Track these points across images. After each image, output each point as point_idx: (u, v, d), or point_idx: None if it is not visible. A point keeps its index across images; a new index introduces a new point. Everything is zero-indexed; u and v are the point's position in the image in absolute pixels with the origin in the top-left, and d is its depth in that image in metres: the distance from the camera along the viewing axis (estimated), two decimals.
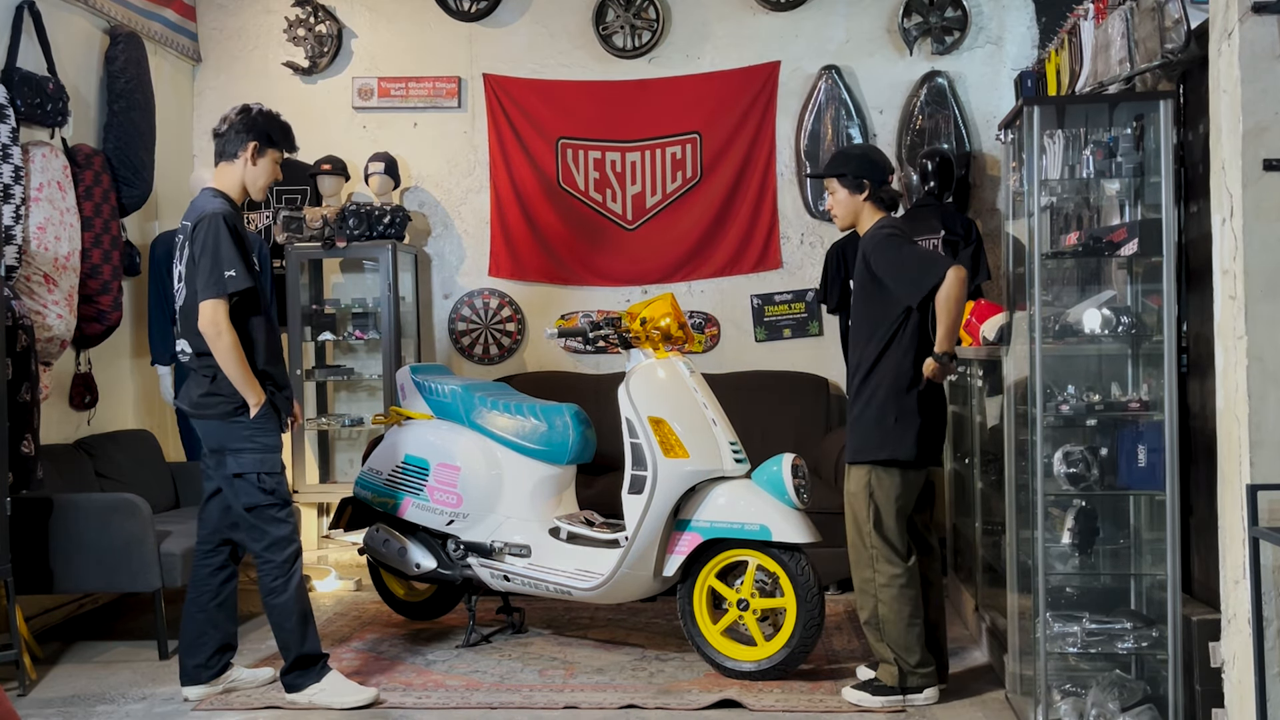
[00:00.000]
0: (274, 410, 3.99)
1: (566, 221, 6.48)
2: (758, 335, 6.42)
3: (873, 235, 3.96)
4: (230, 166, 4.03)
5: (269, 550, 3.97)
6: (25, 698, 4.17)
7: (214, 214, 3.89)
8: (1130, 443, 3.52)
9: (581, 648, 4.71)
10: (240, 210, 4.07)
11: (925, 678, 3.91)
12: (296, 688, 4.03)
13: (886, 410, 3.88)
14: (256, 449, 3.94)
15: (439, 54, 6.55)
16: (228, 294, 3.84)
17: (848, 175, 4.02)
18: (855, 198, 4.02)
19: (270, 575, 3.97)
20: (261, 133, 4.01)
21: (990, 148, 6.24)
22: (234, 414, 3.92)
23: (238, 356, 3.87)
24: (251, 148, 4.00)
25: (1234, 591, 2.88)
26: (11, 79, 4.87)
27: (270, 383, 3.99)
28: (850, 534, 3.99)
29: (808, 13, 6.38)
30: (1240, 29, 2.80)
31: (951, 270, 3.73)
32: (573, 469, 4.79)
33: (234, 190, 4.04)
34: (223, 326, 3.85)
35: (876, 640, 3.94)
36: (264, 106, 4.10)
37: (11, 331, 4.39)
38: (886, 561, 3.88)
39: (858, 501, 3.94)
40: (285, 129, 4.10)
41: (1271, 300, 2.79)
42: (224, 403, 3.92)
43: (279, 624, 4.00)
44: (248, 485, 3.94)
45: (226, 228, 3.86)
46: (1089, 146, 3.61)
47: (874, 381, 3.92)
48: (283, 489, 4.00)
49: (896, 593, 3.86)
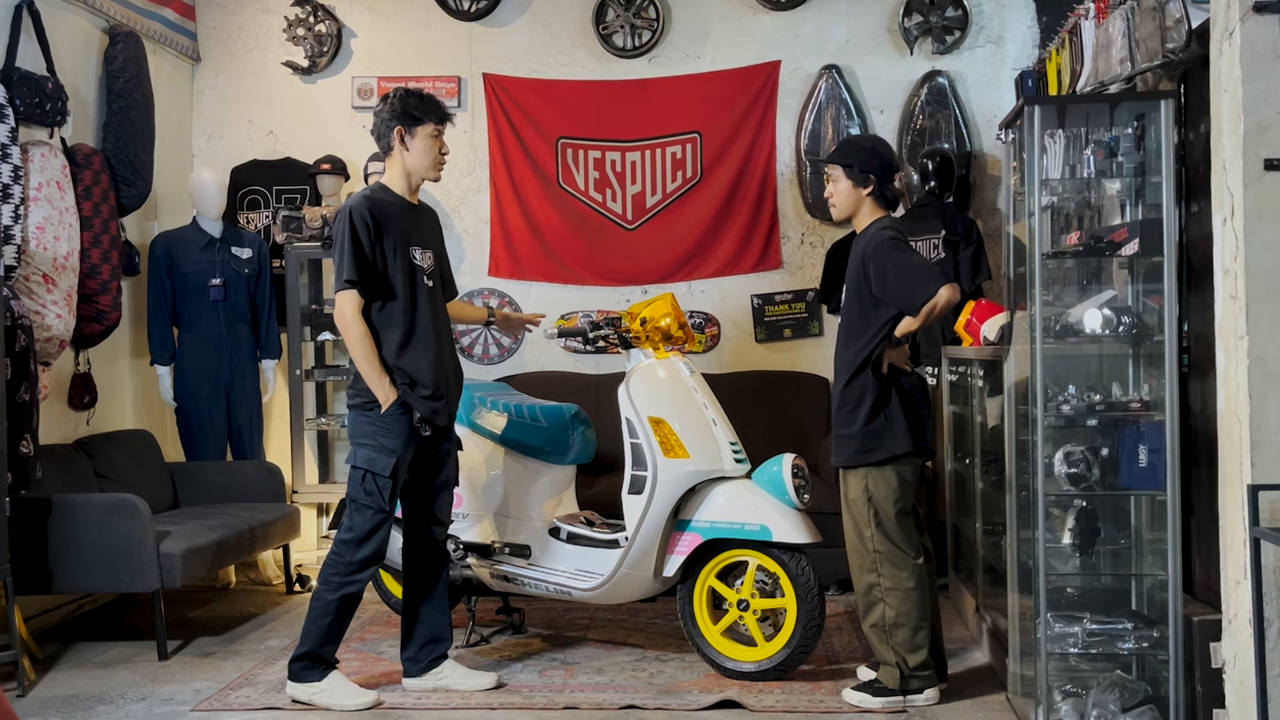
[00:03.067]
0: (405, 411, 3.92)
1: (566, 221, 6.48)
2: (758, 335, 6.42)
3: (874, 236, 3.90)
4: (390, 159, 4.03)
5: (345, 544, 3.95)
6: (24, 698, 4.16)
7: (344, 208, 3.93)
8: (1131, 443, 3.52)
9: (581, 648, 4.70)
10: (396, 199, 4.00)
11: (926, 679, 3.90)
12: (301, 679, 4.01)
13: (876, 410, 3.85)
14: (373, 447, 3.91)
15: (439, 53, 6.54)
16: (348, 284, 3.85)
17: (854, 166, 3.94)
18: (858, 190, 3.95)
19: (333, 567, 3.96)
20: (402, 114, 3.98)
21: (991, 147, 6.24)
22: (365, 407, 3.93)
23: (365, 350, 3.86)
24: (398, 132, 3.98)
25: (1235, 592, 2.87)
26: (10, 78, 4.86)
27: (404, 379, 3.92)
28: (851, 540, 3.96)
29: (808, 12, 6.37)
30: (1241, 28, 2.80)
31: (945, 288, 3.69)
32: (573, 469, 4.78)
33: (399, 181, 4.03)
34: (349, 319, 3.86)
35: (881, 643, 3.92)
36: (401, 88, 4.06)
37: (10, 331, 4.38)
38: (893, 565, 3.86)
39: (857, 507, 3.91)
40: (427, 100, 4.04)
41: (1272, 300, 2.79)
42: (359, 395, 3.95)
43: (313, 615, 3.99)
44: (355, 477, 3.95)
45: (350, 221, 3.86)
46: (1090, 146, 3.60)
47: (861, 384, 3.88)
48: (381, 498, 3.92)
49: (904, 595, 3.85)
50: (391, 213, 3.98)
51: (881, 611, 3.89)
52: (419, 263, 4.02)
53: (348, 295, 3.88)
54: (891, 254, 3.81)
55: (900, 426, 3.85)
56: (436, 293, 4.09)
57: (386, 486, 3.93)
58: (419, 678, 4.16)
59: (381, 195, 4.01)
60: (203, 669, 4.51)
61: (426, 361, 3.97)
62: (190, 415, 5.88)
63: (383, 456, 3.91)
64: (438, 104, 4.06)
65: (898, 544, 3.87)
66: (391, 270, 3.94)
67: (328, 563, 3.99)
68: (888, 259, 3.80)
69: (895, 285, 3.78)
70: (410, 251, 3.99)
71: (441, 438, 4.10)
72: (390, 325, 3.95)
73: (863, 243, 3.93)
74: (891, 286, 3.79)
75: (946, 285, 3.70)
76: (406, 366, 3.94)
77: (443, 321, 4.12)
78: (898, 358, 3.90)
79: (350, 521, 3.96)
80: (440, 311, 4.11)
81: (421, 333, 3.98)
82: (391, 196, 4.03)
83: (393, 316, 3.95)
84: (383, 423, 3.91)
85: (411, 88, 4.09)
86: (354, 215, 3.89)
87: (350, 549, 3.95)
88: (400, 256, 3.95)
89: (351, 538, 3.95)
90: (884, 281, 3.81)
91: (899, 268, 3.78)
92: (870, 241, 3.89)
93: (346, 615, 4.01)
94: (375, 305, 3.94)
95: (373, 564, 3.98)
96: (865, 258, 3.87)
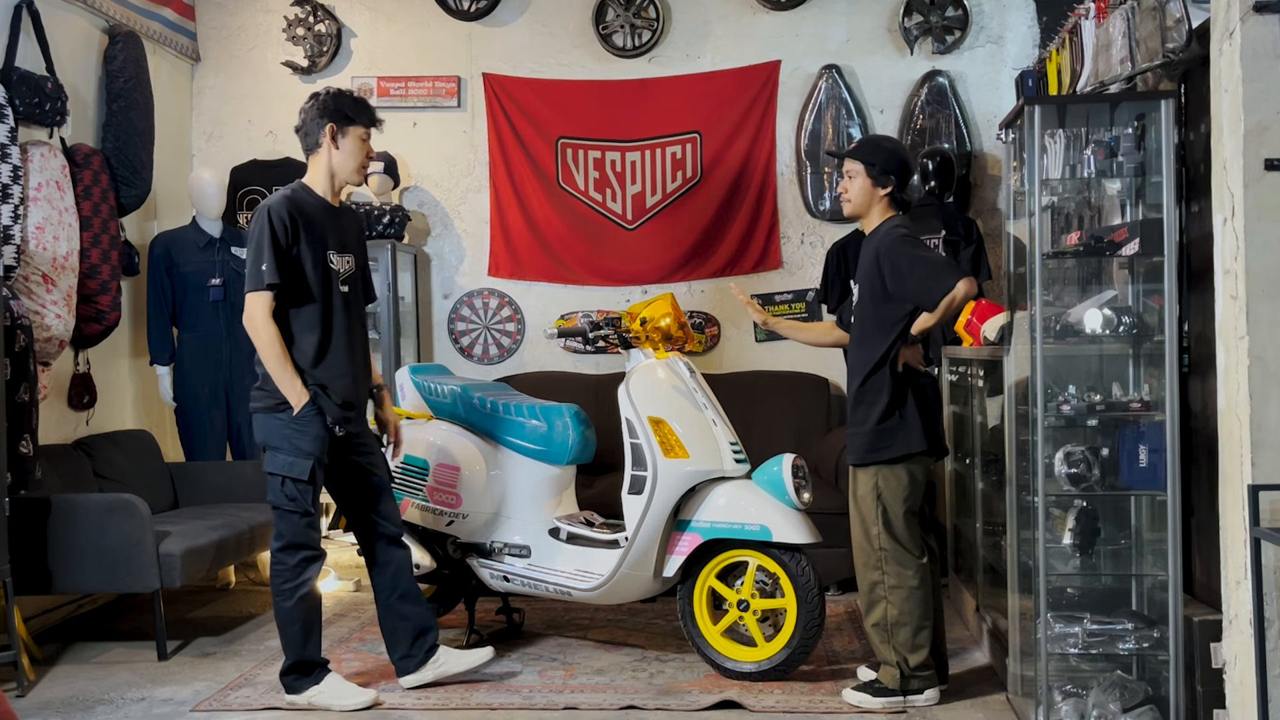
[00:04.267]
0: (318, 413, 3.88)
1: (566, 221, 6.47)
2: (758, 335, 6.42)
3: (887, 233, 3.89)
4: (315, 157, 4.00)
5: (283, 551, 3.93)
6: (24, 699, 4.16)
7: (262, 207, 3.88)
8: (1131, 443, 3.52)
9: (581, 648, 4.70)
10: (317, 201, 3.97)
11: (926, 680, 3.90)
12: (295, 690, 4.01)
13: (891, 409, 3.85)
14: (289, 451, 3.87)
15: (438, 53, 6.54)
16: (265, 288, 3.80)
17: (876, 165, 3.91)
18: (876, 190, 3.93)
19: (280, 577, 3.94)
20: (335, 112, 3.96)
21: (991, 147, 6.24)
22: (275, 410, 3.89)
23: (275, 352, 3.81)
24: (330, 130, 3.95)
25: (1235, 592, 2.87)
26: (10, 78, 4.86)
27: (316, 383, 3.88)
28: (857, 537, 3.95)
29: (808, 12, 6.37)
30: (1242, 28, 2.80)
31: (963, 282, 3.70)
32: (573, 469, 4.78)
33: (321, 182, 4.00)
34: (259, 321, 3.81)
35: (882, 643, 3.91)
36: (333, 87, 4.05)
37: (10, 331, 4.38)
38: (898, 563, 3.85)
39: (865, 504, 3.90)
40: (360, 103, 4.02)
41: (1273, 300, 2.79)
42: (268, 397, 3.90)
43: (282, 626, 3.98)
44: (274, 484, 3.91)
45: (269, 221, 3.81)
46: (1090, 146, 3.60)
47: (878, 381, 3.88)
48: (305, 500, 3.90)
49: (908, 594, 3.84)
50: (311, 214, 3.93)
51: (884, 610, 3.88)
52: (335, 267, 3.97)
53: (261, 297, 3.81)
54: (906, 250, 3.80)
55: (915, 425, 3.85)
56: (353, 298, 4.04)
57: (307, 491, 3.90)
58: (417, 672, 4.15)
59: (302, 195, 3.97)
60: (202, 669, 4.51)
61: (339, 371, 3.94)
62: (190, 415, 5.88)
63: (300, 460, 3.87)
64: (369, 108, 4.06)
65: (903, 543, 3.86)
66: (308, 274, 3.89)
67: (273, 574, 3.96)
68: (902, 255, 3.80)
69: (912, 280, 3.77)
70: (327, 256, 3.94)
71: (356, 439, 4.07)
72: (305, 331, 3.90)
73: (875, 241, 3.92)
74: (909, 282, 3.78)
75: (964, 279, 3.71)
76: (320, 376, 3.91)
77: (358, 328, 4.07)
78: (912, 357, 3.89)
79: (279, 529, 3.94)
80: (356, 318, 4.05)
81: (337, 341, 3.94)
82: (313, 197, 3.98)
83: (308, 322, 3.90)
84: (295, 425, 3.86)
85: (343, 89, 4.07)
86: (272, 215, 3.84)
87: (289, 555, 3.93)
88: (317, 260, 3.90)
89: (283, 544, 3.93)
90: (900, 278, 3.79)
91: (914, 263, 3.77)
92: (884, 239, 3.88)
93: (314, 613, 4.01)
94: (291, 309, 3.89)
95: (315, 561, 3.97)
96: (879, 255, 3.86)
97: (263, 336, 3.82)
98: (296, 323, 3.90)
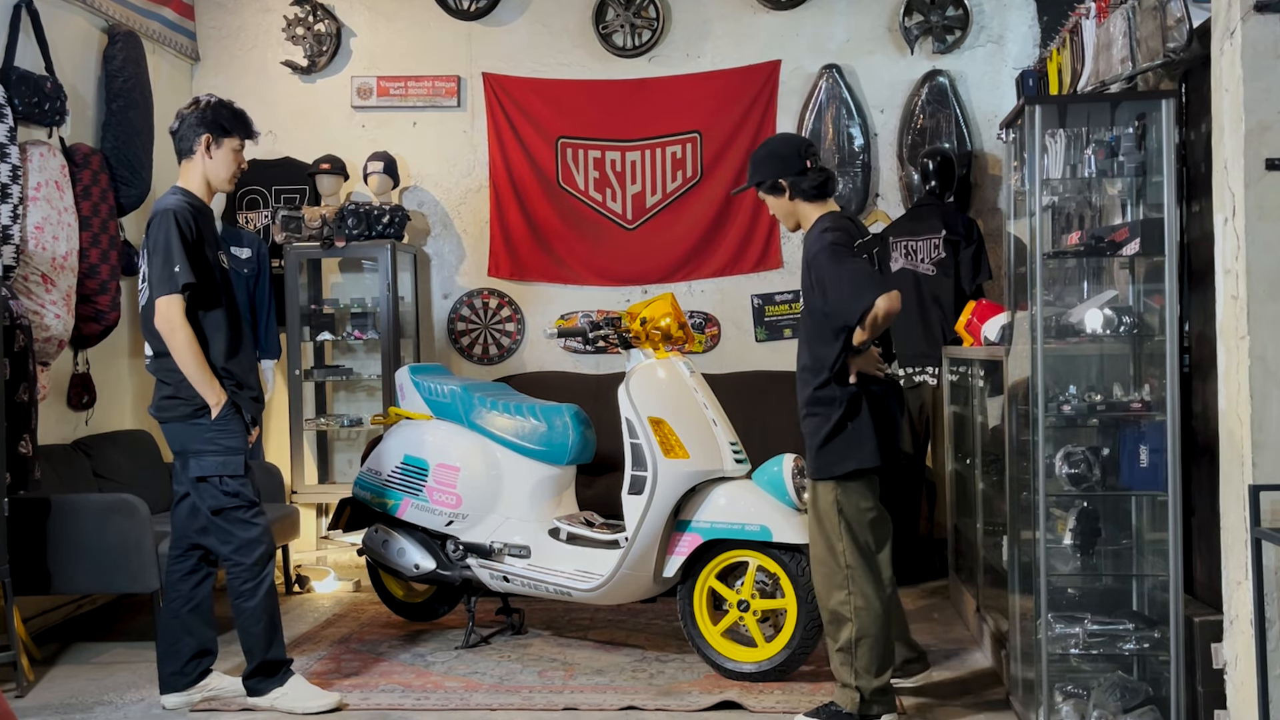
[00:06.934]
0: (236, 411, 3.92)
1: (566, 221, 6.47)
2: (758, 335, 6.41)
3: (815, 240, 3.67)
4: (190, 163, 4.01)
5: (237, 553, 3.92)
6: (23, 699, 4.16)
7: (164, 211, 3.87)
8: (1132, 443, 3.51)
9: (581, 649, 4.70)
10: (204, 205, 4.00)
11: (886, 704, 3.71)
12: (258, 692, 3.99)
13: (842, 422, 3.66)
14: (218, 451, 3.88)
15: (438, 53, 6.54)
16: (180, 289, 3.80)
17: (764, 182, 3.76)
18: (782, 200, 3.77)
19: (239, 579, 3.93)
20: (212, 123, 3.98)
21: (992, 147, 6.23)
22: (194, 416, 3.88)
23: (193, 354, 3.82)
24: (205, 140, 3.97)
25: (1236, 592, 2.87)
26: (9, 78, 4.86)
27: (232, 381, 3.92)
28: (819, 553, 3.73)
29: (808, 11, 6.37)
30: (1243, 28, 2.79)
31: (883, 299, 3.46)
32: (572, 469, 4.77)
33: (197, 186, 4.01)
34: (176, 323, 3.81)
35: (843, 664, 3.69)
36: (214, 97, 4.06)
37: (9, 331, 4.38)
38: (865, 582, 3.66)
39: (828, 519, 3.71)
40: (238, 115, 4.05)
41: (1274, 300, 2.78)
42: (184, 405, 3.89)
43: (246, 628, 3.95)
44: (211, 489, 3.90)
45: (176, 223, 3.82)
46: (1091, 146, 3.59)
47: (827, 394, 3.68)
48: (247, 491, 3.92)
49: (873, 617, 3.65)
50: (204, 217, 3.99)
51: (851, 631, 3.66)
52: (228, 266, 4.07)
53: (175, 300, 3.81)
54: (829, 264, 3.59)
55: (868, 438, 3.65)
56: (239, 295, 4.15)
57: (246, 484, 3.93)
58: (184, 692, 4.04)
59: (194, 199, 3.99)
60: None
61: (249, 367, 4.02)
62: None
63: (233, 456, 3.90)
64: (248, 121, 4.09)
65: (869, 560, 3.68)
66: (215, 274, 3.94)
67: (231, 576, 3.95)
68: (825, 270, 3.60)
69: (835, 297, 3.58)
70: (220, 256, 4.00)
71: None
72: (216, 329, 3.93)
73: (806, 250, 3.74)
74: (832, 299, 3.59)
75: (884, 295, 3.47)
76: (234, 369, 3.95)
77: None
78: (866, 364, 3.69)
79: (228, 533, 3.92)
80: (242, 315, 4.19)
81: (245, 338, 4.03)
82: (199, 201, 4.01)
83: (216, 323, 3.94)
84: (218, 426, 3.88)
85: (223, 100, 4.07)
86: (178, 218, 3.85)
87: (244, 554, 3.92)
88: (214, 261, 3.95)
89: (235, 546, 3.92)
90: (824, 294, 3.61)
91: (836, 279, 3.57)
92: (810, 247, 3.70)
93: (276, 608, 4.00)
94: (200, 311, 3.90)
95: (270, 557, 3.97)
96: (810, 267, 3.68)
97: (181, 337, 3.82)
98: (207, 323, 3.93)
